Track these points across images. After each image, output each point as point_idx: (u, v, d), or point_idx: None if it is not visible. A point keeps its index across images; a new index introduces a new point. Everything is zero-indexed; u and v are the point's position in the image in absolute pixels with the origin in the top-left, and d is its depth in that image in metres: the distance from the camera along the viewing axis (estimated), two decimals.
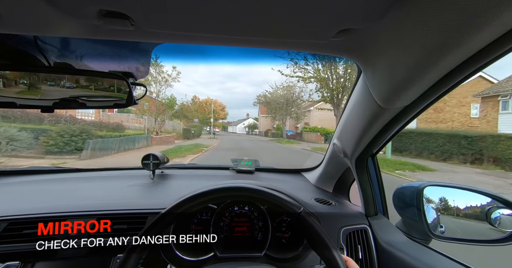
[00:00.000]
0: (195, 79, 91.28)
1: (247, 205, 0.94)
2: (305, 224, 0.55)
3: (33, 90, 0.64)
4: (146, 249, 0.54)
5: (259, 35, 0.55)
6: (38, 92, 0.65)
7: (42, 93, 0.66)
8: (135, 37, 0.57)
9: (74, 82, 0.67)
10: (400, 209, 0.89)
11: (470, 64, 0.46)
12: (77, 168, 1.38)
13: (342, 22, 0.48)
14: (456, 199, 0.80)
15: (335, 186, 1.23)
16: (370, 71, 0.63)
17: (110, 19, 0.47)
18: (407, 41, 0.47)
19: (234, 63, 0.94)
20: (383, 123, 0.73)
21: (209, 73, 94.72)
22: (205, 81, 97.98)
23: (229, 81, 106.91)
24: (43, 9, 0.44)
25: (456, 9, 0.36)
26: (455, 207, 0.80)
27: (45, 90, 0.65)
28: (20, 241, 0.74)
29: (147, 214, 0.85)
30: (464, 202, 0.79)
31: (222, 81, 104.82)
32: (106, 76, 0.69)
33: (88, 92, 0.69)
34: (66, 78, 0.67)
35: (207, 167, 1.58)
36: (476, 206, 0.78)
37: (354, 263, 0.54)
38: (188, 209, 0.56)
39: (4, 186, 1.08)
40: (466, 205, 0.79)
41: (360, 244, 0.88)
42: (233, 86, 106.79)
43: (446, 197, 0.82)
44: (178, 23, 0.50)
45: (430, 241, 0.83)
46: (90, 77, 0.70)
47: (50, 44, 0.64)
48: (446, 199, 0.81)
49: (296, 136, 24.60)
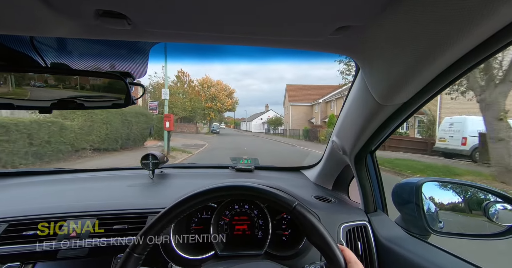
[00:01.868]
0: (212, 77, 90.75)
1: (247, 203, 0.95)
2: (300, 216, 0.55)
3: (30, 91, 0.64)
4: (146, 249, 0.54)
5: (256, 33, 0.55)
6: (35, 93, 0.65)
7: (40, 94, 0.65)
8: (132, 37, 0.57)
9: (72, 82, 0.67)
10: (399, 205, 0.90)
11: (467, 60, 0.46)
12: (76, 168, 1.38)
13: (340, 19, 0.48)
14: (454, 194, 0.81)
15: (335, 183, 1.24)
16: (368, 68, 0.64)
17: (106, 19, 0.47)
18: (405, 38, 0.47)
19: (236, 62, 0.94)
20: (382, 120, 0.73)
21: (225, 70, 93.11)
22: (222, 79, 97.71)
23: (245, 78, 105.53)
24: (39, 10, 0.43)
25: (453, 5, 0.36)
26: (453, 202, 0.81)
27: (42, 91, 0.65)
28: (21, 242, 0.74)
29: (147, 213, 0.85)
30: (462, 197, 0.80)
31: (238, 78, 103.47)
32: (103, 76, 0.69)
33: (86, 93, 0.69)
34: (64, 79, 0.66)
35: (206, 166, 1.58)
36: (474, 201, 0.78)
37: (350, 252, 0.54)
38: (188, 208, 0.56)
39: (4, 187, 1.08)
40: (464, 200, 0.80)
41: (360, 240, 0.88)
42: (249, 84, 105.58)
43: (445, 192, 0.83)
44: (175, 22, 0.50)
45: (429, 236, 0.84)
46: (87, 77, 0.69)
47: (46, 45, 0.64)
48: (445, 195, 0.82)
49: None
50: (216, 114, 28.98)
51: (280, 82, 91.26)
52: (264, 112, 39.26)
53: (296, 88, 31.50)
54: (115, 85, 0.69)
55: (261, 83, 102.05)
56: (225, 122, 53.16)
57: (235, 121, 46.07)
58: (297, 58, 0.79)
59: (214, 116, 28.56)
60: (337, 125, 0.98)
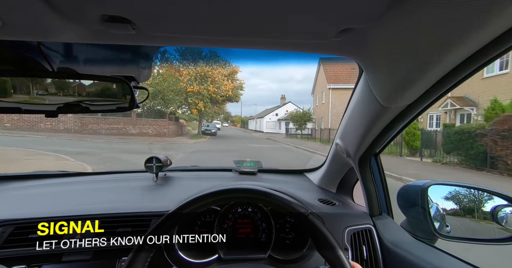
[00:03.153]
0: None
1: (250, 206, 0.94)
2: (312, 226, 0.55)
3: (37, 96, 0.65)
4: (151, 250, 0.55)
5: (260, 36, 0.55)
6: (42, 97, 0.66)
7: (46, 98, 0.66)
8: (137, 41, 0.57)
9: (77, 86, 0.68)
10: (405, 209, 0.89)
11: (472, 62, 0.46)
12: (81, 171, 1.39)
13: (343, 21, 0.48)
14: (461, 197, 0.80)
15: (339, 186, 1.23)
16: (371, 70, 0.63)
17: (112, 24, 0.48)
18: (408, 40, 0.47)
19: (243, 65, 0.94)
20: (386, 122, 0.72)
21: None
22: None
23: (252, 77, 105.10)
24: (46, 15, 0.44)
25: (457, 6, 0.36)
26: (461, 205, 0.79)
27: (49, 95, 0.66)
28: (26, 245, 0.75)
29: (151, 216, 0.85)
30: (469, 200, 0.79)
31: (245, 77, 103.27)
32: (108, 80, 0.70)
33: (91, 97, 0.70)
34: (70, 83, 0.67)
35: (210, 169, 1.58)
36: (482, 204, 0.77)
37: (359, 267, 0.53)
38: (194, 209, 0.57)
39: (10, 191, 1.10)
40: (472, 203, 0.78)
41: (365, 244, 0.87)
42: (257, 83, 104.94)
43: (451, 195, 0.81)
44: (179, 26, 0.51)
45: (436, 240, 0.82)
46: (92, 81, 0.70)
47: (53, 50, 0.65)
48: (451, 198, 0.81)
49: None
50: (208, 104, 17.35)
51: (289, 81, 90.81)
52: (280, 106, 26.46)
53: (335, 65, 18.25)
54: (120, 89, 0.70)
55: (270, 82, 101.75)
56: (231, 121, 45.87)
57: (242, 119, 35.69)
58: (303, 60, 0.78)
59: (204, 108, 17.12)
60: (341, 127, 0.98)
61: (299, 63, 0.84)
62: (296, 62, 0.83)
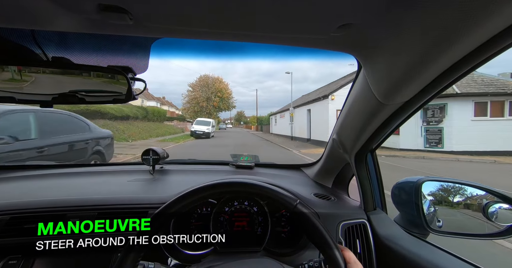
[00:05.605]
0: (234, 79, 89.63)
1: (247, 200, 0.95)
2: (301, 215, 0.56)
3: (31, 85, 0.64)
4: (144, 248, 0.55)
5: (258, 30, 0.54)
6: (36, 87, 0.65)
7: (41, 88, 0.65)
8: (134, 32, 0.56)
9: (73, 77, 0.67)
10: (399, 204, 0.90)
11: (470, 60, 0.46)
12: (78, 163, 1.39)
13: (343, 16, 0.47)
14: (454, 193, 0.81)
15: (334, 181, 1.24)
16: (369, 67, 0.63)
17: (108, 14, 0.47)
18: (408, 37, 0.46)
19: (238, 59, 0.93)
20: (383, 118, 0.73)
21: (246, 73, 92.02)
22: (244, 81, 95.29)
23: (267, 79, 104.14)
24: (41, 3, 0.43)
25: (457, 4, 0.36)
26: (453, 201, 0.81)
27: (44, 85, 0.65)
28: (22, 235, 0.75)
29: (147, 208, 0.86)
30: (461, 196, 0.80)
31: (260, 80, 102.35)
32: (105, 71, 0.69)
33: (87, 87, 0.69)
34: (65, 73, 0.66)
35: (206, 162, 1.59)
36: (473, 200, 0.78)
37: (350, 252, 0.54)
38: (181, 208, 0.57)
39: (7, 180, 1.09)
40: (463, 199, 0.80)
41: (359, 238, 0.89)
42: (272, 85, 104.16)
43: (444, 191, 0.83)
44: (177, 18, 0.50)
45: (427, 235, 0.84)
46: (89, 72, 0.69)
47: (48, 39, 0.63)
48: (444, 194, 0.82)
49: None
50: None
51: (304, 82, 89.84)
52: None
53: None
54: (116, 81, 0.69)
55: (284, 84, 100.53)
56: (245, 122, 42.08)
57: (259, 118, 26.19)
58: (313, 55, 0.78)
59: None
60: (338, 123, 0.98)
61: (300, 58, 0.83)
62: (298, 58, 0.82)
